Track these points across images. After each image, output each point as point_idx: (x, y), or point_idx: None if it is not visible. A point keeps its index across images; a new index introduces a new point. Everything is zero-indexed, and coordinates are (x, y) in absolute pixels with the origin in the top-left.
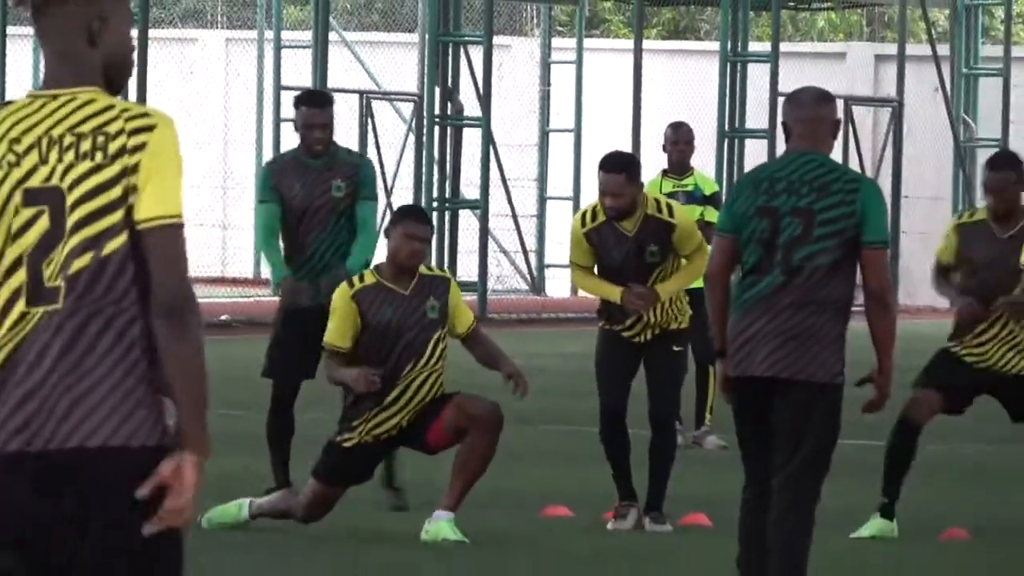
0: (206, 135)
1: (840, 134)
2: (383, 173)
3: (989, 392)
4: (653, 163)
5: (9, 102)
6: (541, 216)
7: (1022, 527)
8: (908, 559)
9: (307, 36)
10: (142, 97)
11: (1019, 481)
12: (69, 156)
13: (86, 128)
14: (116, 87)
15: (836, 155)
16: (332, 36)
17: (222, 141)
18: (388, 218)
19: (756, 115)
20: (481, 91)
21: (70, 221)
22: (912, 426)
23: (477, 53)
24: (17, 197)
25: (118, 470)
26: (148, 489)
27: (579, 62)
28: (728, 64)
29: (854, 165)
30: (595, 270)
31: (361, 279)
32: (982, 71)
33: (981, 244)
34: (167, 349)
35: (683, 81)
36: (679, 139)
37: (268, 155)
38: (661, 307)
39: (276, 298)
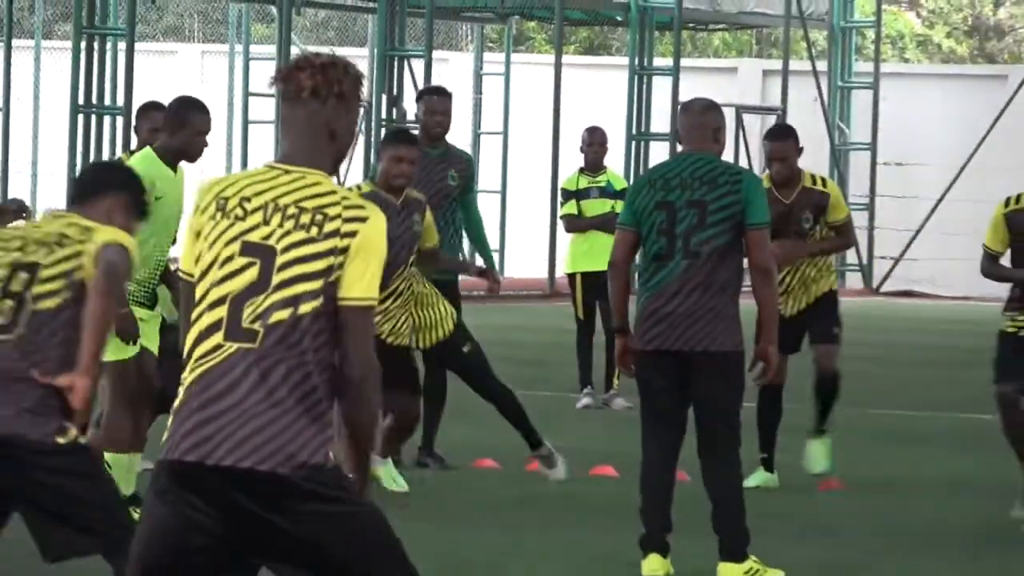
0: None
1: (732, 137)
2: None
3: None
4: (572, 162)
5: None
6: None
7: (889, 479)
8: (790, 506)
9: (272, 50)
10: (129, 102)
11: (887, 439)
12: (288, 224)
13: (309, 205)
14: (335, 171)
15: (728, 155)
16: (294, 50)
17: None
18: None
19: (660, 121)
20: None
21: (276, 278)
22: (772, 387)
23: (419, 65)
24: (236, 246)
25: (280, 492)
26: None
27: (507, 74)
28: (636, 77)
29: (743, 164)
30: None
31: (359, 188)
32: (855, 84)
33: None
34: (348, 410)
35: (597, 91)
36: (594, 141)
37: (238, 154)
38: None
39: None
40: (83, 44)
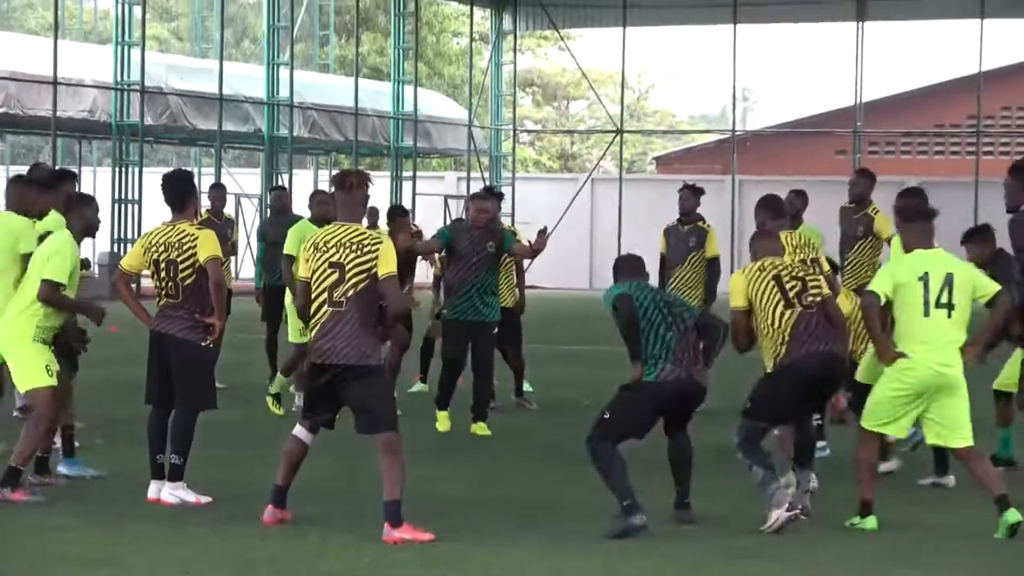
0: None
1: (441, 214)
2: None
3: None
4: None
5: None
6: None
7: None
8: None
9: None
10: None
11: (574, 362)
12: (348, 250)
13: (355, 240)
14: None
15: (440, 221)
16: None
17: None
18: None
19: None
20: None
21: (347, 276)
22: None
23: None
24: (326, 265)
25: (359, 374)
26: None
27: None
28: (393, 182)
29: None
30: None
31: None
32: (504, 184)
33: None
34: (392, 332)
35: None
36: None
37: None
38: None
39: None
40: None
